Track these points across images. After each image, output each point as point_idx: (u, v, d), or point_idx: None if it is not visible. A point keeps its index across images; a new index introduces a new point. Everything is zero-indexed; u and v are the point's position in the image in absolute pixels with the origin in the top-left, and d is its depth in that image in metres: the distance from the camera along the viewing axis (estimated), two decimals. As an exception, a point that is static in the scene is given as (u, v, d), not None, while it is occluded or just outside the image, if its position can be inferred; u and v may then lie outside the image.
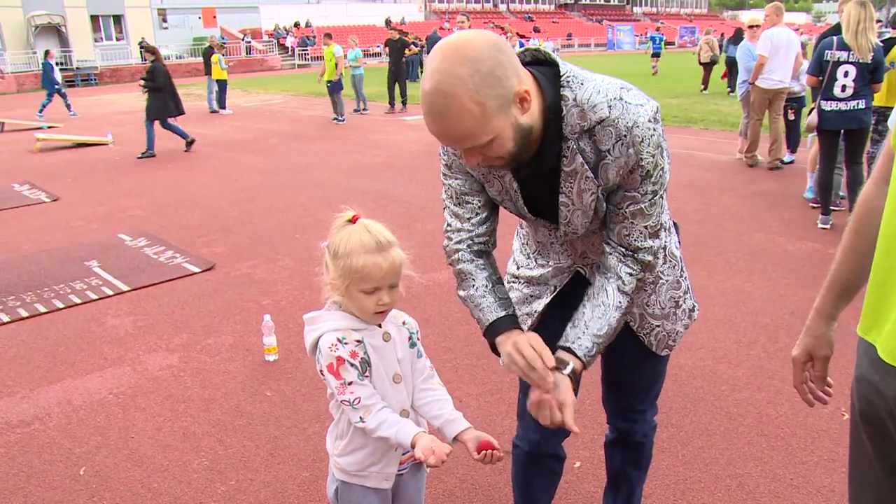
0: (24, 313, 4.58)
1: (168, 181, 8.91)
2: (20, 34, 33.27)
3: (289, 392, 3.50)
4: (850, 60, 5.61)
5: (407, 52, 17.45)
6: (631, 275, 1.65)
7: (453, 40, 1.39)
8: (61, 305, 4.69)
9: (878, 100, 5.89)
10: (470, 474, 2.78)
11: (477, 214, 1.77)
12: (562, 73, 1.51)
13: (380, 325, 1.72)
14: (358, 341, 1.67)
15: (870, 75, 5.62)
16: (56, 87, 17.16)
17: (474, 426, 1.75)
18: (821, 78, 5.82)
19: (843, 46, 5.61)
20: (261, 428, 3.19)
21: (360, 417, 1.65)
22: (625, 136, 1.49)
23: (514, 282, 1.97)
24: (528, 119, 1.46)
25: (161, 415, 3.33)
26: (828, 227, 6.04)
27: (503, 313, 1.71)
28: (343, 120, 14.36)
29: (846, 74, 5.63)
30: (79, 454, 3.02)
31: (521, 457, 2.08)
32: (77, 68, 32.64)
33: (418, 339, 1.82)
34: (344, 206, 1.76)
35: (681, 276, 1.89)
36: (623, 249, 1.64)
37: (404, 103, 16.15)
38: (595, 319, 1.64)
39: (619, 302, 1.66)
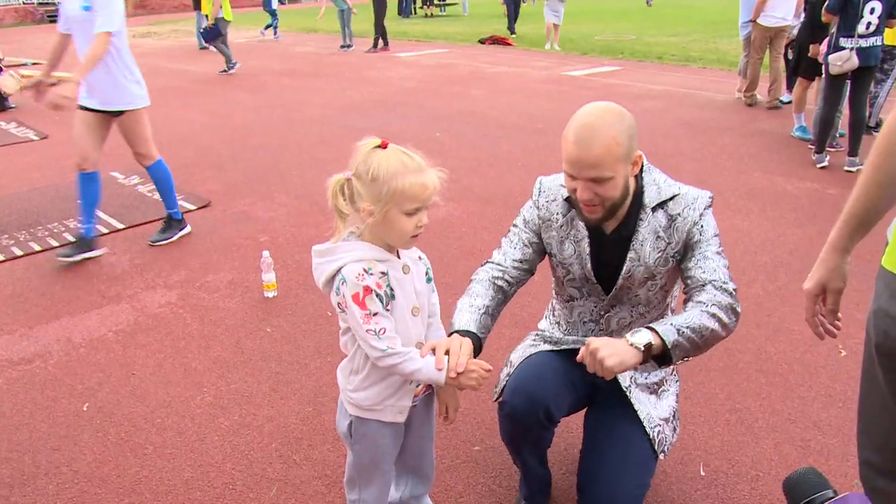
0: (19, 252, 4.53)
1: (159, 119, 8.72)
2: (-1, -33, 32.22)
3: (288, 328, 3.50)
4: None
5: None
6: (726, 293, 1.84)
7: (601, 102, 1.81)
8: (56, 244, 4.64)
9: (888, 38, 5.78)
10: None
11: (522, 262, 2.06)
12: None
13: (398, 256, 1.72)
14: (383, 273, 1.65)
15: (890, 11, 5.52)
16: (272, 9, 18.25)
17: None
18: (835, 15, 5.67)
19: None
20: (262, 364, 3.20)
21: (389, 346, 1.62)
22: (692, 203, 1.90)
23: (535, 338, 2.22)
24: (631, 181, 1.86)
25: (161, 352, 3.33)
26: (825, 164, 6.02)
27: (468, 328, 1.87)
28: (231, 70, 12.32)
29: (872, 11, 5.50)
30: (81, 391, 3.02)
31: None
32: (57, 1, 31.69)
33: (432, 275, 1.83)
34: (361, 140, 1.72)
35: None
36: (718, 284, 1.85)
37: (380, 42, 15.22)
38: (678, 315, 1.82)
39: (709, 307, 1.81)
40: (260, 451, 2.62)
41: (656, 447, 1.97)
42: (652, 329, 1.75)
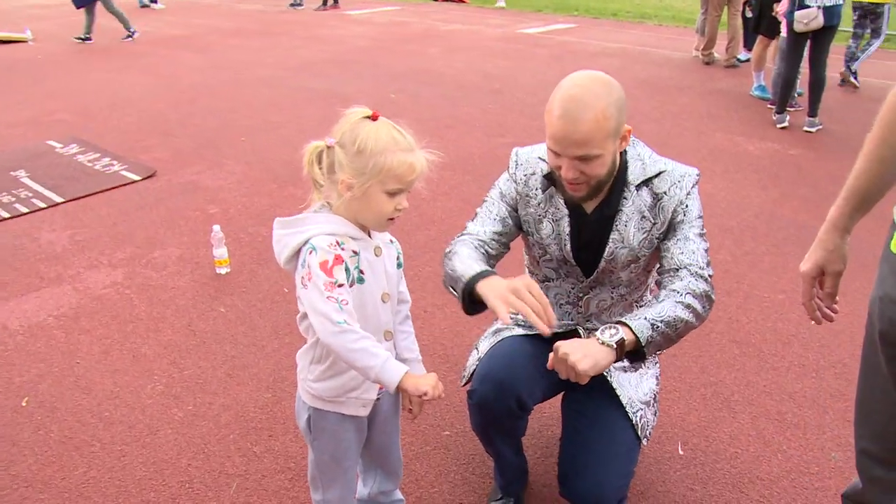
0: (-52, 228, 4.23)
1: (99, 82, 8.30)
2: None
3: (243, 307, 3.32)
4: None
5: None
6: (701, 279, 1.73)
7: (588, 72, 1.67)
8: (6, 215, 4.34)
9: None
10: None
11: (501, 235, 1.90)
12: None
13: (370, 236, 1.58)
14: (354, 252, 1.52)
15: None
16: None
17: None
18: None
19: None
20: (216, 347, 3.03)
21: (345, 320, 1.44)
22: (678, 181, 1.79)
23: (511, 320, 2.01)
24: (617, 157, 1.73)
25: (108, 337, 3.12)
26: (786, 125, 5.99)
27: (486, 268, 1.69)
28: (133, 35, 10.97)
29: None
30: (19, 384, 2.81)
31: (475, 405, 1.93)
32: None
33: (402, 261, 1.69)
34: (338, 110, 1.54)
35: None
36: (694, 269, 1.74)
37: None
38: (651, 306, 1.69)
39: (684, 297, 1.69)
40: (217, 443, 2.46)
41: (639, 433, 1.87)
42: (624, 324, 1.63)
